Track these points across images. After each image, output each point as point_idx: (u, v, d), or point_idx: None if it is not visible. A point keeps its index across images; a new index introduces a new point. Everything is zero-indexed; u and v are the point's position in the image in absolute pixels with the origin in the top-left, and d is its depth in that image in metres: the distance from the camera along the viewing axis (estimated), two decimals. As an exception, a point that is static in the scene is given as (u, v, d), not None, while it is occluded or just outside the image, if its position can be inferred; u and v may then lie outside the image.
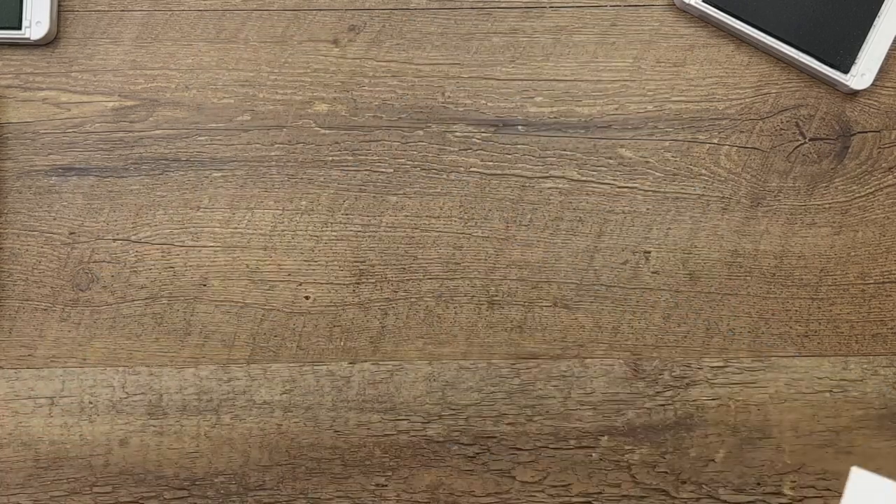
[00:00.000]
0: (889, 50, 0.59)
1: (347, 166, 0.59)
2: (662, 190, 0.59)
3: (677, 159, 0.59)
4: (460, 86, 0.60)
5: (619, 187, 0.59)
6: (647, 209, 0.59)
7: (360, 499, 0.57)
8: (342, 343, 0.58)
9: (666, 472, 0.58)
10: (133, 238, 0.59)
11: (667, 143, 0.59)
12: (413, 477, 0.58)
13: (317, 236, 0.59)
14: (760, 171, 0.59)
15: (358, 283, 0.59)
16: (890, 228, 0.59)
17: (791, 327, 0.58)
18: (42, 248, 0.59)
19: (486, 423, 0.58)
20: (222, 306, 0.59)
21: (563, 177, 0.59)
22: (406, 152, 0.59)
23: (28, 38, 0.58)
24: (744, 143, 0.59)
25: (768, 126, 0.59)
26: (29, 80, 0.59)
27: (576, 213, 0.59)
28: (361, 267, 0.59)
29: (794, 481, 0.57)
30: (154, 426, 0.58)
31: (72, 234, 0.59)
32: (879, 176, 0.59)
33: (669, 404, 0.58)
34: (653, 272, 0.59)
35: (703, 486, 0.57)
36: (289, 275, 0.59)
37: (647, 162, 0.59)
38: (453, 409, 0.58)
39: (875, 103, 0.59)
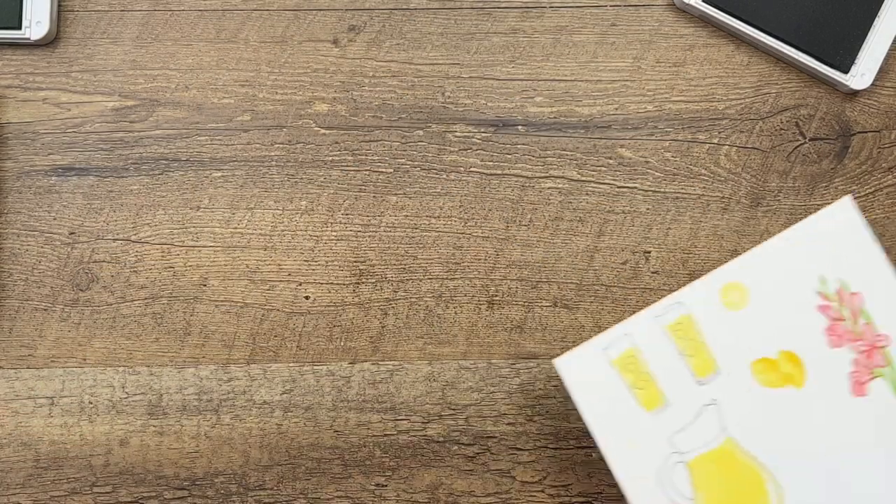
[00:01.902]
0: (889, 50, 0.59)
1: (347, 166, 0.59)
2: (662, 190, 0.59)
3: (677, 159, 0.59)
4: (460, 86, 0.60)
5: (618, 187, 0.59)
6: (647, 209, 0.59)
7: (360, 499, 0.57)
8: (342, 343, 0.58)
9: (666, 472, 0.58)
10: (133, 238, 0.59)
11: (667, 143, 0.59)
12: (413, 477, 0.58)
13: (317, 236, 0.59)
14: (760, 171, 0.59)
15: (358, 283, 0.59)
16: (890, 228, 0.59)
17: (791, 327, 0.58)
18: (42, 248, 0.59)
19: (486, 423, 0.58)
20: (222, 306, 0.59)
21: (562, 177, 0.59)
22: (406, 152, 0.59)
23: (28, 38, 0.58)
24: (744, 143, 0.59)
25: (768, 126, 0.59)
26: (29, 80, 0.59)
27: (576, 213, 0.59)
28: (361, 267, 0.59)
29: (794, 481, 0.57)
30: (154, 426, 0.58)
31: (72, 234, 0.59)
32: (879, 176, 0.59)
33: (669, 404, 0.58)
34: (653, 272, 0.59)
35: (703, 486, 0.57)
36: (289, 275, 0.59)
37: (647, 162, 0.59)
38: (453, 409, 0.58)
39: (875, 103, 0.59)
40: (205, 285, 0.59)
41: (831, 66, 0.58)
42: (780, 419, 0.51)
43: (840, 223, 0.53)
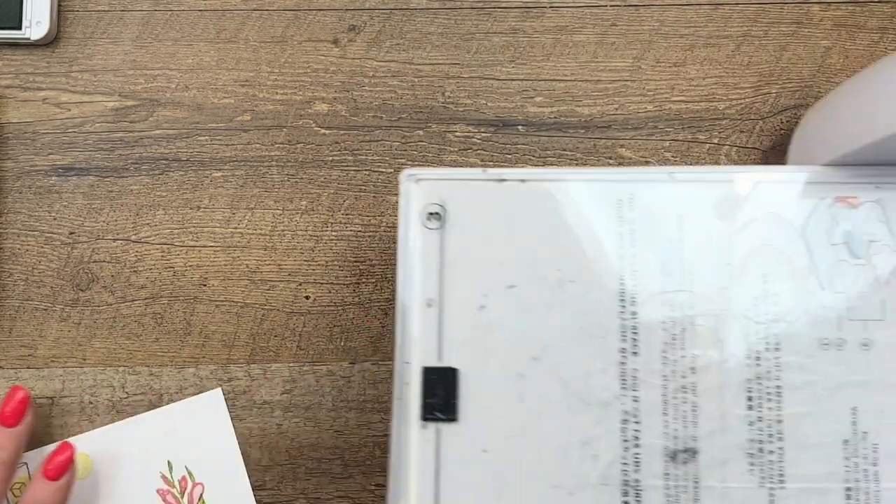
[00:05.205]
0: None
1: (347, 166, 0.59)
2: (662, 190, 0.59)
3: (677, 159, 0.59)
4: (460, 86, 0.60)
5: (619, 187, 0.59)
6: (647, 209, 0.59)
7: (360, 499, 0.57)
8: (342, 343, 0.58)
9: (666, 472, 0.58)
10: (133, 238, 0.59)
11: (667, 143, 0.59)
12: (413, 477, 0.58)
13: (317, 236, 0.59)
14: (760, 171, 0.59)
15: (358, 283, 0.59)
16: (890, 228, 0.59)
17: (791, 327, 0.58)
18: (42, 248, 0.59)
19: (486, 423, 0.58)
20: (222, 306, 0.59)
21: (563, 177, 0.59)
22: (406, 152, 0.59)
23: (28, 38, 0.58)
24: (744, 143, 0.59)
25: (768, 126, 0.59)
26: (29, 80, 0.59)
27: (576, 213, 0.59)
28: (361, 267, 0.59)
29: (794, 481, 0.57)
30: (154, 426, 0.58)
31: (72, 234, 0.59)
32: (879, 176, 0.59)
33: (669, 404, 0.58)
34: (653, 272, 0.58)
35: (703, 486, 0.57)
36: (289, 275, 0.59)
37: (647, 162, 0.59)
38: (453, 409, 0.58)
39: (875, 103, 0.59)
40: (205, 285, 0.59)
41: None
42: None
43: (206, 412, 0.57)
